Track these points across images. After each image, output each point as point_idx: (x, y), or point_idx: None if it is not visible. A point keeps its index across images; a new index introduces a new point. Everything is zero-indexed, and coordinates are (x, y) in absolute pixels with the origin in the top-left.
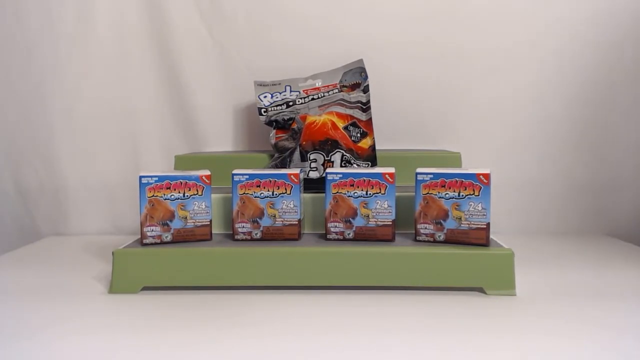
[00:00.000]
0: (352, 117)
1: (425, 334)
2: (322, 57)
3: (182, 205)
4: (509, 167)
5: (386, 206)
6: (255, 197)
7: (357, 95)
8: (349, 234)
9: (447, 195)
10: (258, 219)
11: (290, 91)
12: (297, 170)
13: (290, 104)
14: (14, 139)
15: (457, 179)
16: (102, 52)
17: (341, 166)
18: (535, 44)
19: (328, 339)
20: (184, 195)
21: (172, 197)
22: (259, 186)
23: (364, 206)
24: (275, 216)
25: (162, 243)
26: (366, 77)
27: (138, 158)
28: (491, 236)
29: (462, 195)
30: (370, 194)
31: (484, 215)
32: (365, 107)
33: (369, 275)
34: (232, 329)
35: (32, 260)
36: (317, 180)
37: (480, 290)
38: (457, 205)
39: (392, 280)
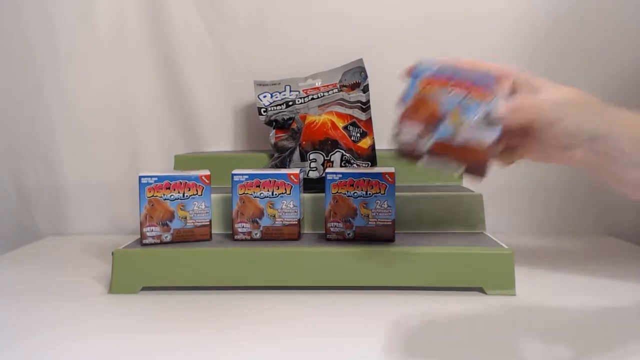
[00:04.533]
0: (351, 116)
1: (425, 333)
2: (323, 58)
3: (181, 206)
4: (510, 167)
5: (386, 206)
6: (255, 197)
7: (356, 95)
8: (348, 234)
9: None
10: (258, 219)
11: (290, 91)
12: (296, 170)
13: (290, 103)
14: (14, 138)
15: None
16: (102, 52)
17: (341, 166)
18: (537, 42)
19: (328, 339)
20: (183, 196)
21: (172, 197)
22: (259, 186)
23: (363, 206)
24: (275, 216)
25: (162, 243)
26: (366, 76)
27: (138, 158)
28: (491, 236)
29: (369, 194)
30: (370, 194)
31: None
32: (365, 106)
33: (369, 275)
34: (231, 329)
35: (32, 260)
36: (316, 180)
37: (480, 290)
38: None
39: (392, 280)
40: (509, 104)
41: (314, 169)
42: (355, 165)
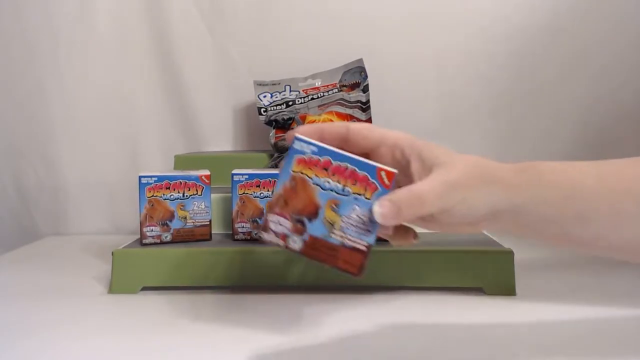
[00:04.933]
0: (351, 116)
1: (425, 333)
2: (323, 58)
3: (181, 206)
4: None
5: None
6: (255, 197)
7: (356, 95)
8: None
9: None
10: (258, 219)
11: (290, 91)
12: None
13: (290, 103)
14: (14, 138)
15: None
16: (102, 52)
17: None
18: (542, 42)
19: (328, 339)
20: (183, 195)
21: (172, 197)
22: (259, 186)
23: None
24: None
25: (162, 243)
26: (366, 76)
27: (138, 158)
28: (491, 236)
29: None
30: None
31: None
32: (365, 106)
33: (368, 275)
34: (231, 329)
35: (32, 260)
36: None
37: (480, 290)
38: None
39: (392, 280)
40: (388, 204)
41: None
42: None
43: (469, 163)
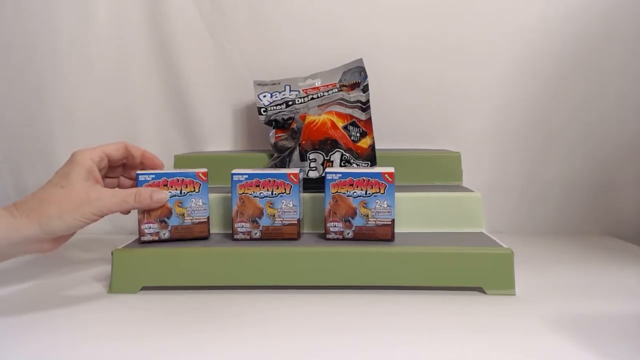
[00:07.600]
0: (351, 116)
1: (425, 333)
2: (323, 57)
3: (179, 203)
4: (509, 167)
5: (385, 206)
6: (255, 196)
7: (356, 95)
8: (348, 233)
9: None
10: (257, 219)
11: (290, 91)
12: (296, 170)
13: (290, 103)
14: (14, 139)
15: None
16: (102, 52)
17: (341, 166)
18: (540, 43)
19: (328, 339)
20: (181, 193)
21: (170, 194)
22: (258, 186)
23: (363, 206)
24: (274, 216)
25: (160, 240)
26: (365, 76)
27: None
28: (491, 236)
29: (369, 194)
30: (369, 193)
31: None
32: (365, 106)
33: (368, 275)
34: (231, 329)
35: (32, 260)
36: (316, 180)
37: (480, 290)
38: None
39: (392, 280)
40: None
41: (314, 168)
42: (355, 165)
43: None
